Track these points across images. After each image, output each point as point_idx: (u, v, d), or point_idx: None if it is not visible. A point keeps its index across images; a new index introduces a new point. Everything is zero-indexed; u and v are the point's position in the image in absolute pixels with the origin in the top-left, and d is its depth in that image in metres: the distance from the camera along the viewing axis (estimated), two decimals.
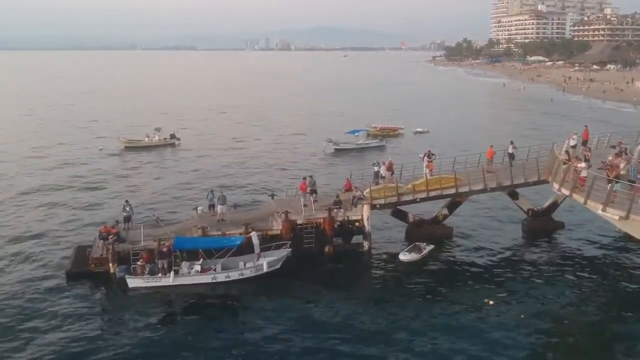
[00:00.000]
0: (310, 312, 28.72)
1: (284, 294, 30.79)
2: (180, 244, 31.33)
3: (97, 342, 25.79)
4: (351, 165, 61.24)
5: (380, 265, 34.50)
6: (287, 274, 32.72)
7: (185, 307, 29.51)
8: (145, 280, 30.37)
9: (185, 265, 31.38)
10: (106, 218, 39.51)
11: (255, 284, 31.29)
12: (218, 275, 31.07)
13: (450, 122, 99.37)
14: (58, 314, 28.15)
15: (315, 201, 36.39)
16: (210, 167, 61.78)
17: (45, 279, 32.02)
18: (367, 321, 27.72)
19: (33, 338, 26.12)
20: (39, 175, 57.83)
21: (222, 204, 35.30)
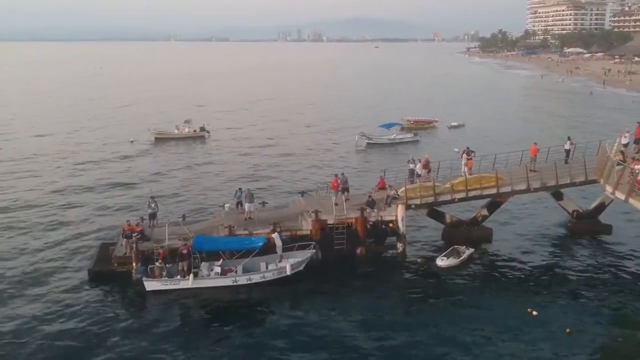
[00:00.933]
0: (338, 318, 27.06)
1: (310, 298, 29.30)
2: (200, 245, 29.92)
3: (112, 346, 24.68)
4: (384, 160, 59.67)
5: (414, 269, 32.59)
6: (315, 276, 31.29)
7: (204, 311, 27.98)
8: (164, 283, 29.08)
9: (204, 266, 30.03)
10: (133, 213, 38.48)
11: (279, 287, 29.80)
12: (239, 278, 29.66)
13: (487, 115, 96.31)
14: (76, 314, 27.13)
15: (347, 200, 34.65)
16: (239, 162, 60.47)
17: (68, 278, 31.02)
18: (398, 330, 26.02)
19: (46, 337, 25.30)
20: (68, 168, 57.22)
21: (250, 202, 33.81)
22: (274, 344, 25.00)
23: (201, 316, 27.63)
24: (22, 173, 54.38)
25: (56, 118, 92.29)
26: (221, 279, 29.61)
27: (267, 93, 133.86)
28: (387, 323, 26.60)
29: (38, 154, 63.38)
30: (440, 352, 24.36)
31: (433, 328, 26.18)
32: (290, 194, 45.52)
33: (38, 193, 47.55)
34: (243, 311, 28.14)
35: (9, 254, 34.51)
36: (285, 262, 30.41)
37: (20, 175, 53.66)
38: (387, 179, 37.91)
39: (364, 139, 68.95)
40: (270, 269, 30.48)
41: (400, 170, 40.00)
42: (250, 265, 30.61)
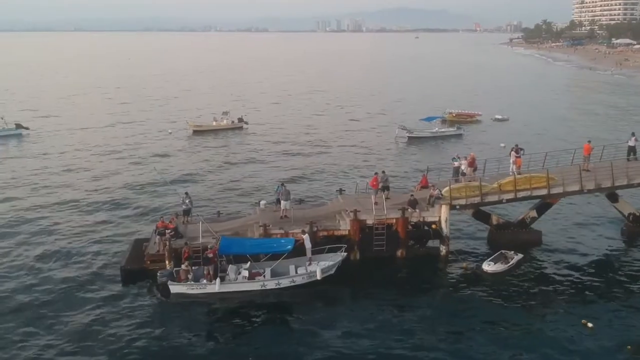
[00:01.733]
0: (373, 326, 25.47)
1: (344, 303, 27.98)
2: (226, 248, 28.64)
3: (134, 350, 23.75)
4: (426, 155, 57.89)
5: (458, 274, 30.75)
6: (352, 279, 29.91)
7: (231, 317, 26.72)
8: (189, 287, 27.94)
9: (232, 270, 28.81)
10: (168, 208, 37.66)
11: (310, 291, 28.36)
12: (267, 283, 28.36)
13: (532, 109, 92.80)
14: (104, 314, 26.38)
15: (387, 199, 33.01)
16: (277, 155, 59.32)
17: (100, 275, 30.37)
18: (440, 339, 24.41)
19: (69, 335, 24.71)
20: (106, 161, 56.95)
21: (286, 199, 32.46)
22: (305, 352, 23.65)
23: (228, 322, 26.42)
24: (59, 167, 54.32)
25: (97, 110, 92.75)
26: (249, 283, 28.36)
27: (306, 84, 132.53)
28: (427, 332, 24.97)
29: (76, 147, 63.48)
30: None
31: (477, 338, 24.46)
32: (327, 191, 44.06)
33: (74, 187, 47.30)
34: (272, 317, 26.90)
35: (45, 247, 34.16)
36: (316, 266, 29.00)
37: (57, 169, 53.59)
38: (429, 177, 36.22)
39: (405, 133, 66.98)
40: (299, 272, 29.11)
41: (444, 168, 38.18)
42: (279, 268, 29.31)
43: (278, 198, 33.33)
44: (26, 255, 32.97)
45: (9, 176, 50.84)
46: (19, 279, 30.11)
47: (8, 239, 35.49)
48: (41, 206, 41.94)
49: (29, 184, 48.22)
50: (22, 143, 66.04)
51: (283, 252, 28.99)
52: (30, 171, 52.38)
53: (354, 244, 31.28)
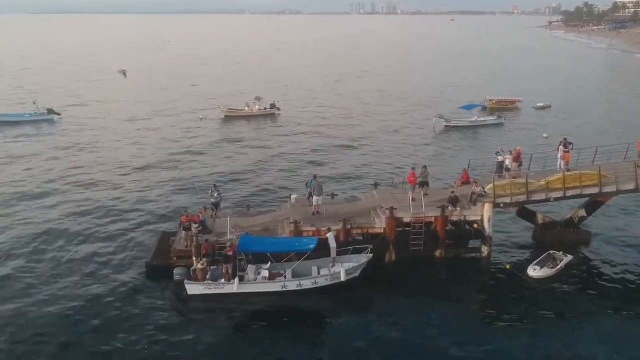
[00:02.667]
0: (405, 332, 23.91)
1: (372, 306, 26.50)
2: (246, 246, 27.19)
3: (149, 350, 22.78)
4: (465, 146, 55.60)
5: (501, 277, 28.79)
6: (386, 280, 28.41)
7: (250, 318, 25.37)
8: (207, 287, 26.60)
9: (251, 270, 27.36)
10: (197, 202, 36.34)
11: (336, 294, 26.79)
12: (289, 284, 26.86)
13: (575, 97, 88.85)
14: (122, 310, 25.47)
15: (426, 195, 31.13)
16: (308, 145, 57.31)
17: (126, 269, 29.37)
18: (478, 349, 22.72)
19: (88, 330, 24.00)
20: (136, 148, 56.09)
21: (319, 194, 30.77)
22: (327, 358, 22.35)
23: (246, 324, 25.11)
24: (89, 155, 53.70)
25: (129, 96, 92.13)
26: (269, 284, 26.91)
27: (341, 70, 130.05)
28: (464, 340, 23.25)
29: (107, 134, 62.77)
30: None
31: (521, 350, 22.68)
32: (362, 186, 42.05)
33: (104, 175, 46.48)
34: (292, 320, 25.46)
35: (72, 236, 33.45)
36: (340, 267, 27.33)
37: (87, 157, 52.95)
38: (471, 171, 34.16)
39: (442, 122, 64.56)
40: (322, 274, 27.50)
41: (487, 163, 36.01)
42: (301, 268, 27.80)
43: (310, 192, 31.70)
44: (50, 244, 32.25)
45: (38, 162, 50.41)
46: (43, 268, 29.50)
47: (33, 227, 34.82)
48: (69, 194, 41.31)
49: (58, 171, 47.61)
50: (53, 128, 65.74)
51: (305, 252, 27.48)
52: (60, 158, 51.85)
53: (389, 243, 29.57)
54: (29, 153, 53.69)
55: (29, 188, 42.78)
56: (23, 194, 41.47)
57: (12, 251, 31.46)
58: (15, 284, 27.88)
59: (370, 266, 28.32)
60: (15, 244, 32.27)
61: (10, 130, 63.34)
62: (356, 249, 28.56)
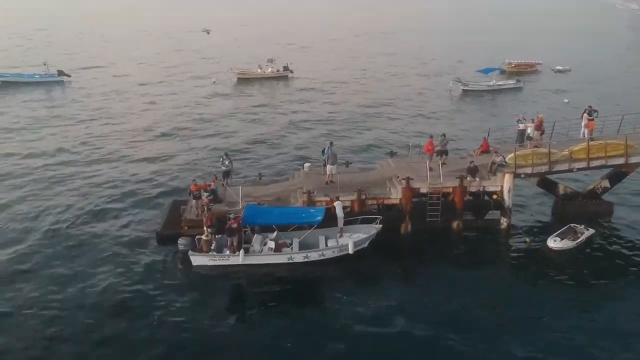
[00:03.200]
0: (418, 305, 23.18)
1: (383, 279, 25.57)
2: (251, 218, 26.42)
3: (156, 322, 22.23)
4: (482, 111, 54.07)
5: (520, 249, 28.00)
6: (401, 252, 27.73)
7: (255, 291, 24.88)
8: (211, 259, 26.03)
9: (257, 240, 26.63)
10: (209, 166, 35.52)
11: (344, 266, 26.02)
12: (295, 256, 26.20)
13: (595, 60, 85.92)
14: (131, 282, 24.89)
15: (443, 164, 30.08)
16: (322, 109, 56.14)
17: (136, 238, 28.77)
18: (495, 324, 22.06)
19: (88, 303, 23.39)
20: (149, 111, 55.19)
21: (333, 163, 29.77)
22: (335, 333, 21.56)
23: (252, 295, 24.72)
24: (99, 119, 52.92)
25: (140, 59, 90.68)
26: (275, 255, 26.25)
27: (353, 32, 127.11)
28: (480, 314, 22.54)
29: (118, 97, 61.88)
30: (545, 352, 20.39)
31: (539, 324, 22.00)
32: (377, 153, 40.82)
33: (115, 140, 45.87)
34: (299, 293, 24.75)
35: (81, 205, 32.85)
36: (348, 239, 26.56)
37: (97, 121, 52.17)
38: (490, 140, 32.97)
39: (460, 86, 62.87)
40: (330, 245, 26.77)
41: (505, 132, 34.70)
42: (308, 239, 27.08)
43: (325, 161, 30.65)
44: (58, 214, 31.62)
45: (48, 125, 49.85)
46: (51, 236, 29.09)
47: (43, 192, 34.49)
48: (79, 158, 40.81)
49: (68, 134, 47.04)
50: (64, 90, 65.00)
51: (313, 224, 26.70)
52: (70, 121, 51.20)
53: (405, 214, 28.70)
54: (36, 116, 53.09)
55: (37, 152, 42.31)
56: (33, 156, 41.11)
57: (23, 219, 31.10)
58: (27, 253, 27.54)
59: (385, 237, 27.56)
60: (27, 212, 31.91)
61: (20, 91, 62.71)
62: (365, 219, 27.78)
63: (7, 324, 22.07)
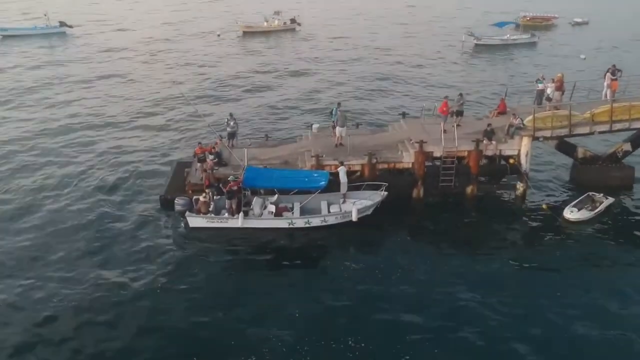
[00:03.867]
0: (426, 274, 22.27)
1: (391, 245, 24.63)
2: (251, 181, 25.48)
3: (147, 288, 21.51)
4: (496, 67, 52.14)
5: (536, 216, 26.84)
6: (412, 218, 26.86)
7: (254, 255, 23.93)
8: (209, 220, 25.20)
9: (257, 203, 25.66)
10: (213, 126, 34.36)
11: (348, 230, 25.08)
12: (296, 221, 25.27)
13: (618, 14, 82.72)
14: (132, 245, 24.26)
15: (458, 126, 28.79)
16: (331, 64, 54.52)
17: (138, 204, 27.86)
18: (507, 295, 21.03)
19: (88, 265, 22.86)
20: (151, 64, 53.95)
21: (342, 125, 28.48)
22: (335, 299, 20.83)
23: (250, 259, 23.74)
24: (101, 71, 51.54)
25: (145, 9, 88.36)
26: (275, 220, 25.35)
27: None
28: (490, 286, 21.56)
29: (120, 49, 60.18)
30: (560, 326, 19.50)
31: (553, 296, 20.98)
32: (388, 113, 39.24)
33: (118, 94, 44.63)
34: (299, 257, 24.00)
35: (83, 166, 32.10)
36: (351, 206, 25.45)
37: (99, 73, 50.84)
38: (508, 100, 31.54)
39: (472, 40, 60.70)
40: (332, 211, 25.78)
41: (522, 88, 33.21)
42: (310, 203, 26.08)
43: (334, 122, 29.38)
44: (61, 176, 30.85)
45: (48, 75, 48.47)
46: (54, 196, 28.53)
47: (41, 152, 33.74)
48: (80, 115, 39.72)
49: (69, 86, 45.74)
50: (65, 42, 63.29)
51: (315, 189, 25.64)
52: (71, 74, 49.82)
53: (417, 178, 27.55)
54: (36, 72, 51.58)
55: (36, 115, 41.25)
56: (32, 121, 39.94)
57: (23, 180, 30.32)
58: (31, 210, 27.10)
59: (395, 203, 26.57)
60: (28, 172, 31.15)
61: (20, 44, 61.05)
62: (370, 185, 26.64)
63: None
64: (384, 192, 26.32)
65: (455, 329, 19.22)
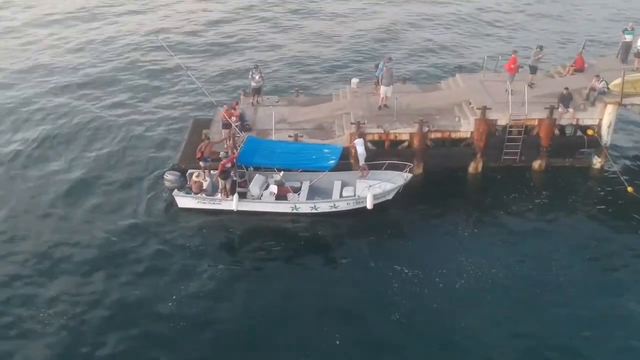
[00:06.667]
0: (478, 266, 18.87)
1: (433, 229, 21.09)
2: (248, 157, 21.45)
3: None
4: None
5: (617, 199, 22.46)
6: (465, 196, 23.18)
7: (251, 240, 20.63)
8: (200, 201, 21.66)
9: (256, 182, 21.76)
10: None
11: (368, 217, 21.09)
12: (301, 206, 21.32)
13: None
14: (128, 222, 21.37)
15: (531, 85, 24.06)
16: (375, 10, 46.19)
17: (145, 176, 24.15)
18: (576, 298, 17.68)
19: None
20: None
21: (388, 84, 23.68)
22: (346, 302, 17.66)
23: (245, 248, 20.42)
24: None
25: None
26: (276, 204, 21.49)
27: None
28: (558, 275, 18.43)
29: None
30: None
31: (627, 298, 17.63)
32: (441, 66, 33.76)
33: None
34: (304, 246, 20.36)
35: (91, 127, 28.33)
36: (366, 190, 21.00)
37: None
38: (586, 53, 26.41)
39: None
40: (345, 195, 21.55)
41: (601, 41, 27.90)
42: (320, 182, 21.96)
43: (379, 79, 24.61)
44: (67, 143, 27.15)
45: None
46: (62, 165, 25.28)
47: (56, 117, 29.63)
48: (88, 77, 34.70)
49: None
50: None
51: (323, 169, 21.42)
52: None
53: (477, 151, 23.26)
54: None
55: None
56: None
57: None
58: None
59: (450, 177, 22.99)
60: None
61: None
62: (392, 164, 22.17)
63: None
64: (408, 174, 21.89)
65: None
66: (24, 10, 45.65)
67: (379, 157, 22.51)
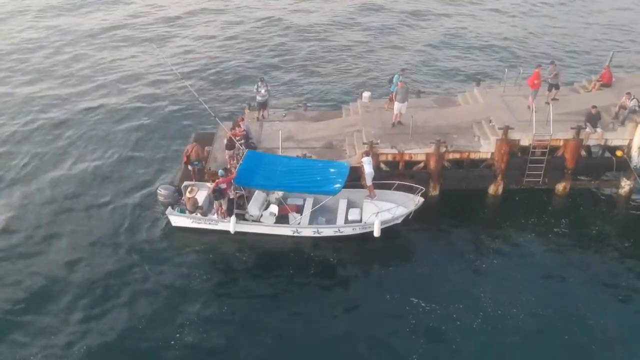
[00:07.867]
0: (485, 294, 17.76)
1: (456, 257, 19.62)
2: (245, 179, 19.83)
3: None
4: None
5: None
6: (486, 220, 21.54)
7: (248, 263, 19.49)
8: (195, 221, 20.36)
9: (256, 201, 20.49)
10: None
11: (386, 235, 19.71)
12: (303, 230, 19.97)
13: None
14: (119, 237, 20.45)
15: (553, 101, 22.53)
16: (391, 11, 44.36)
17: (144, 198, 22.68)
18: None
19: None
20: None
21: (402, 101, 22.13)
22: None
23: (241, 271, 19.21)
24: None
25: None
26: (276, 227, 20.13)
27: None
28: (587, 318, 16.98)
29: None
30: None
31: None
32: (459, 79, 31.92)
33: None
34: (304, 270, 19.05)
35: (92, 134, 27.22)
36: (373, 217, 19.48)
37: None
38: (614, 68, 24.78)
39: None
40: (351, 220, 20.10)
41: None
42: (324, 205, 20.51)
43: (393, 94, 23.06)
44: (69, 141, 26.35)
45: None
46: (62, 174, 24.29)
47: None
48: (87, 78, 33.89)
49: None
50: None
51: (327, 194, 19.73)
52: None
53: (497, 173, 21.79)
54: None
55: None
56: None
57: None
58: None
59: (467, 200, 21.58)
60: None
61: None
62: (402, 185, 20.81)
63: None
64: (420, 198, 20.39)
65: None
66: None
67: (392, 177, 21.11)
